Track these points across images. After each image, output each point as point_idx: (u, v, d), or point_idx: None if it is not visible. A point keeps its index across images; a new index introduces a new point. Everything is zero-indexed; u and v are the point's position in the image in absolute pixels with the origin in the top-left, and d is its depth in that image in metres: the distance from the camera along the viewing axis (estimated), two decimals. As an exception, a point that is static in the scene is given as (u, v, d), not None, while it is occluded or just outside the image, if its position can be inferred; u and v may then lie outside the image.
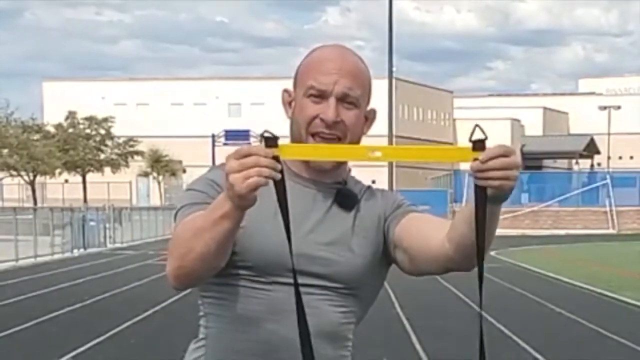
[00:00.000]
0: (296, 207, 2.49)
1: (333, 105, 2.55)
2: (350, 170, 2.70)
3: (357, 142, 2.60)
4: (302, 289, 2.41)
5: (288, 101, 2.66)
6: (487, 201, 2.25)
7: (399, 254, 2.62)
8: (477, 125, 2.21)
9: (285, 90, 2.67)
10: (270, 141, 2.23)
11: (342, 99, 2.56)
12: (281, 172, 2.25)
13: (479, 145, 2.20)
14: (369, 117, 2.65)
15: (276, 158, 2.23)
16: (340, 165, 2.63)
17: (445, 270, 2.54)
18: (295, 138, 2.60)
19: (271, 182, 2.24)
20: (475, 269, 2.42)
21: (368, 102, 2.64)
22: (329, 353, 2.55)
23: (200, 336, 2.64)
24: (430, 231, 2.54)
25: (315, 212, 2.59)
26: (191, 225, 2.40)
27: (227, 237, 2.34)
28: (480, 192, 2.24)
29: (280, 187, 2.28)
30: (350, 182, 2.68)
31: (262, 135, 2.25)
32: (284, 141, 2.33)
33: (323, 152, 2.40)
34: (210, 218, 2.33)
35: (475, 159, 2.20)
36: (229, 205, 2.28)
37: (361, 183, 2.73)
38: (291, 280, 2.39)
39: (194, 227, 2.37)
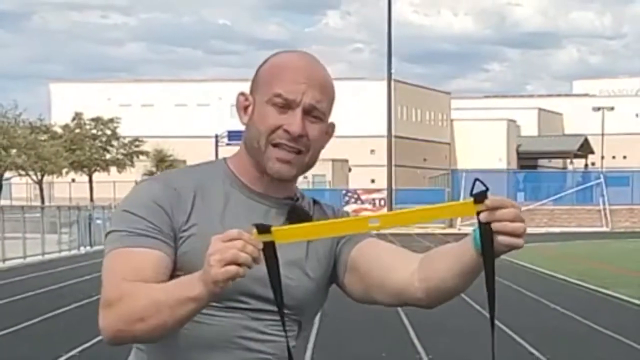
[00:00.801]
0: (247, 223, 2.24)
1: (299, 117, 2.33)
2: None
3: (317, 156, 2.40)
4: (253, 314, 2.30)
5: (244, 106, 2.41)
6: (476, 251, 2.14)
7: (349, 278, 2.44)
8: (477, 179, 2.12)
9: (242, 94, 2.43)
10: (262, 228, 2.08)
11: (309, 112, 2.35)
12: (274, 253, 2.10)
13: (480, 198, 2.11)
14: (329, 132, 2.43)
15: (271, 244, 2.09)
16: (296, 176, 2.42)
17: (402, 304, 2.40)
18: (253, 147, 2.38)
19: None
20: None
21: (330, 114, 2.42)
22: None
23: (140, 357, 2.41)
24: (394, 263, 2.37)
25: None
26: (146, 293, 2.16)
27: (190, 318, 2.16)
28: (488, 245, 2.13)
29: (274, 269, 2.13)
30: (298, 194, 2.47)
31: (254, 225, 2.09)
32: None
33: (320, 230, 2.18)
34: (175, 296, 2.12)
35: (479, 212, 2.11)
36: (200, 289, 2.08)
37: (307, 197, 2.50)
38: (244, 306, 2.28)
39: (152, 297, 2.15)
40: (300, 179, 2.52)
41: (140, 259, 2.26)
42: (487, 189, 2.11)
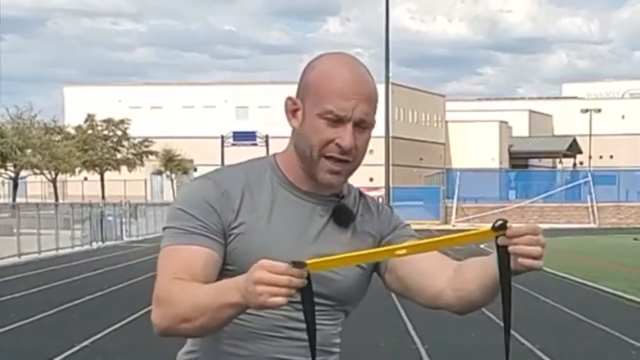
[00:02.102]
0: (293, 221, 2.38)
1: (350, 131, 2.33)
2: None
3: (362, 159, 2.42)
4: (298, 306, 2.26)
5: (293, 109, 2.40)
6: (510, 273, 2.19)
7: (388, 276, 2.50)
8: (499, 219, 2.17)
9: (290, 98, 2.41)
10: (299, 265, 2.09)
11: (358, 124, 2.35)
12: (309, 284, 2.11)
13: (500, 226, 2.16)
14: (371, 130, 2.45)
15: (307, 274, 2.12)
16: (345, 181, 2.45)
17: (436, 308, 2.48)
18: (305, 156, 2.38)
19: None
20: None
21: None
22: None
23: (192, 348, 2.46)
24: (432, 271, 2.43)
25: (312, 228, 2.40)
26: (192, 295, 2.23)
27: (230, 320, 2.22)
28: (504, 267, 2.19)
29: (308, 297, 2.13)
30: (344, 190, 2.49)
31: (292, 262, 2.09)
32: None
33: (351, 260, 2.20)
34: (216, 301, 2.17)
35: (498, 237, 2.16)
36: (238, 298, 2.13)
37: (353, 189, 2.54)
38: (291, 299, 2.19)
39: (196, 301, 2.21)
40: None
41: (191, 256, 2.31)
42: (506, 221, 2.16)
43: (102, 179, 66.48)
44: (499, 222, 2.16)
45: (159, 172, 72.27)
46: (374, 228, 2.50)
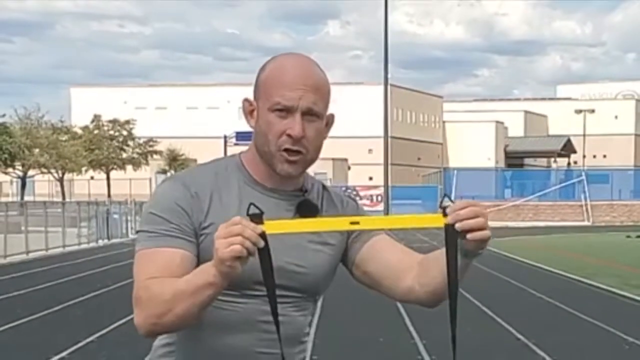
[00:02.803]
0: None
1: (299, 120, 2.36)
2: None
3: (319, 150, 2.44)
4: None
5: (250, 110, 2.45)
6: (460, 254, 2.22)
7: (356, 271, 2.53)
8: (446, 194, 2.22)
9: (246, 100, 2.47)
10: (256, 217, 2.13)
11: (307, 113, 2.37)
12: (266, 243, 2.13)
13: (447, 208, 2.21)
14: (329, 122, 2.46)
15: (262, 233, 2.13)
16: (303, 172, 2.46)
17: (407, 303, 2.51)
18: (264, 151, 2.41)
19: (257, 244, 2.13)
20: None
21: (327, 109, 2.45)
22: (292, 353, 2.46)
23: (168, 340, 2.47)
24: (399, 266, 2.46)
25: None
26: (170, 286, 2.24)
27: (210, 302, 2.23)
28: (452, 245, 2.21)
29: (265, 256, 2.15)
30: (307, 185, 2.51)
31: (247, 213, 2.13)
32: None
33: (307, 226, 2.26)
34: (193, 283, 2.20)
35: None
36: (214, 273, 2.15)
37: (316, 182, 2.55)
38: (259, 293, 2.29)
39: (174, 289, 2.23)
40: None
41: (166, 258, 2.33)
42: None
43: (108, 178, 66.55)
44: (448, 205, 2.20)
45: (164, 171, 72.17)
46: None
